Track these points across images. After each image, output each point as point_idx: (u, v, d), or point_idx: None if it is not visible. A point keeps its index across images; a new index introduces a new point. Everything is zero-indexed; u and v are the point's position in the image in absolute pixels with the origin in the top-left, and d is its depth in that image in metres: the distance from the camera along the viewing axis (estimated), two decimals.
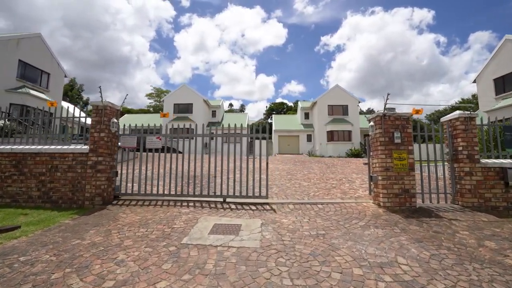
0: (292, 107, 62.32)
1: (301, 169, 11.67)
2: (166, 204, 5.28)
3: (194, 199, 5.68)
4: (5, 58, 13.79)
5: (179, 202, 5.48)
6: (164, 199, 5.70)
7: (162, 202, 5.44)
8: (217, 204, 5.40)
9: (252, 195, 5.63)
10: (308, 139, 29.74)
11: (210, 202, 5.58)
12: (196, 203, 5.40)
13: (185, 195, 5.76)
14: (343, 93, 27.54)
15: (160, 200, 5.59)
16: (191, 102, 28.54)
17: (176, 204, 5.29)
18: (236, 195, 5.71)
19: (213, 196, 5.74)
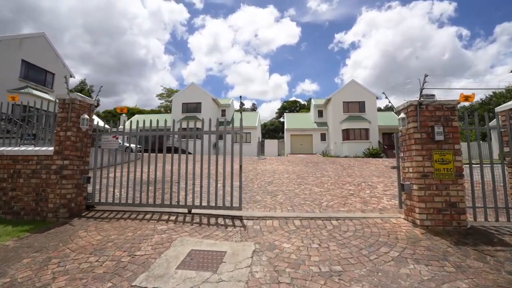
0: (305, 105, 60.63)
1: (313, 171, 10.47)
2: (141, 218, 4.32)
3: (154, 210, 4.70)
4: (8, 58, 13.53)
5: (158, 214, 4.50)
6: (143, 210, 4.74)
7: (137, 215, 4.47)
8: (186, 217, 4.39)
9: (222, 205, 4.57)
10: (322, 138, 28.26)
11: (171, 213, 4.60)
12: (179, 216, 4.40)
13: (161, 205, 4.78)
14: (359, 89, 25.86)
15: (137, 212, 4.63)
16: (200, 101, 27.85)
17: (153, 218, 4.31)
18: (203, 205, 4.65)
19: (176, 206, 4.72)
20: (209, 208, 4.58)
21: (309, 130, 28.82)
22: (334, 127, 25.67)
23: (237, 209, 4.51)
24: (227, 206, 4.54)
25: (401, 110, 4.17)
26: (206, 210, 4.65)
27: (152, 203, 4.77)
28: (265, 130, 51.99)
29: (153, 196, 4.86)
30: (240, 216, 4.35)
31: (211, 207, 4.58)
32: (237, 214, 4.45)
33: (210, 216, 4.41)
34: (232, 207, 4.52)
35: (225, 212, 4.53)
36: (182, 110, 27.93)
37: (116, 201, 4.93)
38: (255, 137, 29.33)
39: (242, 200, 5.52)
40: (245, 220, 4.20)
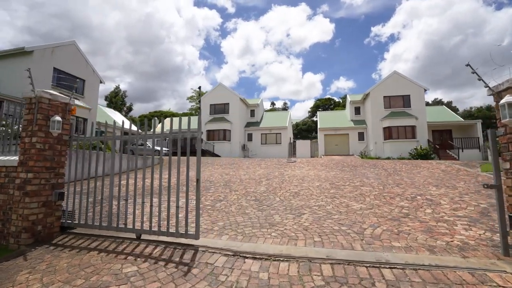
0: (340, 103, 57.14)
1: (351, 177, 8.73)
2: (113, 248, 3.26)
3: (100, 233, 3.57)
4: (41, 66, 14.04)
5: (134, 245, 3.39)
6: (119, 236, 3.68)
7: (109, 244, 3.39)
8: (132, 244, 3.21)
9: (176, 231, 3.36)
10: (359, 137, 25.65)
11: (117, 238, 3.59)
12: (127, 244, 3.25)
13: (107, 227, 3.73)
14: (403, 81, 22.82)
15: (112, 239, 3.57)
16: (227, 101, 27.19)
17: (126, 250, 3.21)
18: (154, 230, 3.52)
19: (123, 229, 3.65)
20: (160, 234, 3.44)
21: (345, 129, 26.39)
22: (374, 125, 23.00)
23: (192, 237, 3.32)
24: (181, 233, 3.35)
25: (501, 91, 2.51)
26: (158, 237, 3.54)
27: (98, 225, 3.76)
28: (297, 130, 49.97)
29: (100, 216, 3.84)
30: (195, 248, 3.14)
31: (162, 233, 3.43)
32: (193, 243, 3.32)
33: (167, 246, 3.27)
34: (187, 235, 3.33)
35: (178, 240, 3.40)
36: (210, 111, 27.55)
37: (92, 222, 3.98)
38: (286, 138, 27.80)
39: (254, 223, 4.23)
40: (246, 258, 2.88)
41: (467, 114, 46.66)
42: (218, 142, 25.94)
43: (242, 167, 12.28)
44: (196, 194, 3.38)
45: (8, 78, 13.70)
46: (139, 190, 5.75)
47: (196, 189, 3.38)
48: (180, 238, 3.37)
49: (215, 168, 11.98)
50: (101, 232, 3.85)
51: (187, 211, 3.39)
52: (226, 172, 10.73)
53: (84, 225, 3.88)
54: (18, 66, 13.74)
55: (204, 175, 9.90)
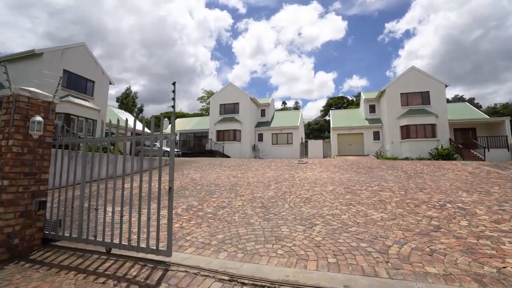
0: (353, 101, 55.57)
1: (367, 180, 8.02)
2: (95, 268, 2.81)
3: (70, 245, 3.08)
4: (51, 69, 14.11)
5: (120, 262, 2.93)
6: (94, 250, 3.23)
7: (83, 260, 2.95)
8: (99, 259, 2.72)
9: (146, 246, 2.96)
10: (375, 137, 24.55)
11: (85, 251, 3.25)
12: (96, 260, 2.77)
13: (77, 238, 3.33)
14: (421, 77, 21.56)
15: (89, 254, 3.13)
16: (237, 101, 26.75)
17: (109, 270, 2.75)
18: (124, 244, 3.10)
19: (92, 241, 3.26)
20: (130, 249, 3.04)
21: (359, 128, 25.35)
22: (390, 123, 21.90)
23: (164, 254, 2.89)
24: (151, 249, 2.95)
25: None
26: (128, 252, 3.11)
27: (76, 237, 3.40)
28: (309, 130, 48.99)
29: (80, 228, 3.42)
30: (166, 267, 2.62)
31: (132, 247, 3.03)
32: (166, 261, 2.90)
33: (136, 262, 2.83)
34: (158, 251, 2.91)
35: (149, 257, 3.01)
36: (220, 111, 27.22)
37: (69, 234, 3.56)
38: (298, 138, 27.06)
39: (259, 236, 3.69)
40: (244, 285, 2.35)
41: (491, 111, 44.08)
42: (228, 142, 25.57)
43: (251, 169, 11.77)
44: (169, 205, 2.94)
45: (19, 80, 13.80)
46: (118, 198, 5.35)
47: (169, 198, 2.93)
48: (151, 254, 2.93)
49: (223, 170, 11.53)
50: (86, 246, 3.43)
51: (158, 224, 2.98)
52: (234, 174, 10.25)
53: (68, 238, 3.48)
54: (29, 68, 13.87)
55: (210, 177, 9.46)
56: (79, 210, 3.49)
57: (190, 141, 27.29)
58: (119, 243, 3.08)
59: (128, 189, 7.46)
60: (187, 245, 3.49)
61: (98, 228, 3.44)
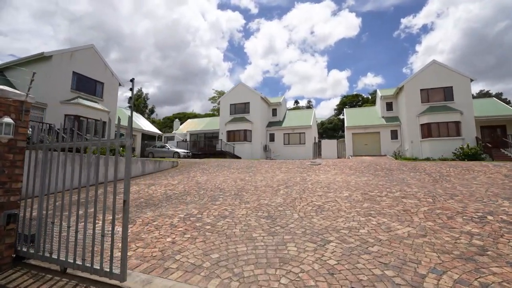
0: (369, 99, 53.72)
1: (387, 185, 7.22)
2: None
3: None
4: (61, 71, 14.15)
5: (65, 280, 2.43)
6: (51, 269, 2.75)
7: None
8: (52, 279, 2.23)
9: (100, 267, 2.57)
10: (392, 136, 23.28)
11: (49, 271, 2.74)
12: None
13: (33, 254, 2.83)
14: (444, 71, 20.14)
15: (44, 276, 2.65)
16: (248, 101, 26.22)
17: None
18: (78, 263, 2.70)
19: (48, 258, 2.91)
20: (84, 269, 2.67)
21: (376, 127, 24.14)
22: (409, 121, 20.62)
23: (118, 278, 2.45)
24: (105, 271, 2.54)
25: None
26: (83, 273, 2.71)
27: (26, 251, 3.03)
28: (323, 129, 47.77)
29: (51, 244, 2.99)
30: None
31: (86, 268, 2.65)
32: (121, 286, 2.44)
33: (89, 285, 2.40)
34: (112, 274, 2.48)
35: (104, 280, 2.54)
36: (230, 111, 26.79)
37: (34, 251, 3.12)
38: (310, 138, 26.22)
39: (260, 257, 3.09)
40: None
41: None
42: (239, 143, 25.09)
43: (261, 171, 11.17)
44: (123, 220, 2.43)
45: (27, 83, 13.93)
46: None
47: (123, 212, 2.43)
48: (105, 277, 2.45)
49: (230, 173, 11.00)
50: (50, 265, 2.97)
51: (112, 241, 2.49)
52: (242, 177, 9.69)
53: (33, 255, 3.04)
54: (39, 71, 13.91)
55: (216, 181, 8.95)
56: (36, 224, 3.07)
57: (200, 142, 27.05)
58: (73, 262, 2.69)
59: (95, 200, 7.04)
60: (174, 268, 2.95)
61: (60, 244, 2.99)
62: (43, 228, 3.14)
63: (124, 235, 2.45)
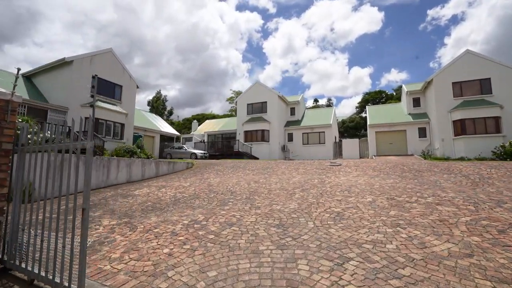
0: (393, 96, 51.08)
1: (417, 188, 6.39)
2: None
3: None
4: (81, 75, 14.58)
5: None
6: None
7: None
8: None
9: (60, 281, 2.29)
10: (420, 134, 21.65)
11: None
12: None
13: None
14: (480, 61, 18.31)
15: None
16: (265, 100, 25.71)
17: None
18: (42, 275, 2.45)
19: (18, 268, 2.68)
20: (47, 282, 2.43)
21: (401, 125, 22.61)
22: (440, 118, 19.01)
23: None
24: (64, 286, 2.27)
25: None
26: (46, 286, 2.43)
27: None
28: (344, 128, 46.07)
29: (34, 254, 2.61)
30: None
31: (49, 281, 2.40)
32: None
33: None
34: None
35: None
36: (247, 111, 26.45)
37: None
38: (331, 137, 25.20)
39: (264, 277, 2.59)
40: None
41: None
42: (256, 143, 24.67)
43: (277, 173, 10.64)
44: (82, 230, 2.04)
45: (53, 88, 14.54)
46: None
47: (82, 222, 2.04)
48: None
49: (245, 174, 10.58)
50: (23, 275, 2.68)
51: (71, 254, 2.10)
52: (256, 179, 9.23)
53: (6, 263, 2.78)
54: (61, 76, 14.47)
55: (229, 183, 8.55)
56: (10, 230, 2.81)
57: (218, 143, 26.98)
58: (37, 273, 2.48)
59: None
60: None
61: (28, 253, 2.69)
62: (19, 236, 2.88)
63: (83, 247, 2.08)
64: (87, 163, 2.28)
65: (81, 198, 2.49)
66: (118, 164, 9.25)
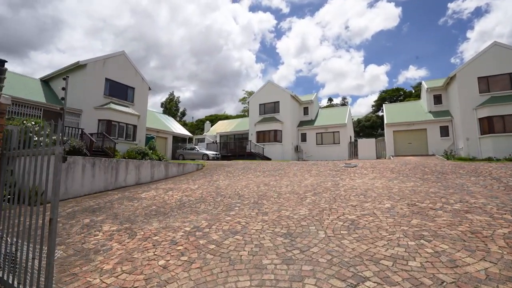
0: (412, 93, 49.02)
1: (441, 192, 5.80)
2: None
3: None
4: (94, 78, 14.83)
5: None
6: None
7: None
8: None
9: None
10: (442, 132, 20.43)
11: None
12: None
13: None
14: (508, 54, 16.94)
15: None
16: (277, 100, 25.26)
17: None
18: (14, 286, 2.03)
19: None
20: None
21: (421, 123, 21.45)
22: (464, 115, 17.82)
23: None
24: None
25: None
26: None
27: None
28: (359, 128, 44.73)
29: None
30: None
31: None
32: None
33: None
34: None
35: None
36: (260, 111, 26.10)
37: None
38: (345, 137, 24.38)
39: None
40: None
41: None
42: (269, 143, 24.28)
43: (288, 174, 10.24)
44: (49, 242, 1.77)
45: (68, 91, 14.85)
46: None
47: (49, 233, 1.76)
48: None
49: (255, 176, 10.25)
50: None
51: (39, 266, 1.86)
52: (266, 181, 8.88)
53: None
54: (75, 79, 14.78)
55: (238, 186, 8.26)
56: None
57: (230, 143, 26.81)
58: (11, 284, 2.25)
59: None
60: None
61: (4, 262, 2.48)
62: None
63: (49, 260, 1.82)
64: (55, 169, 2.03)
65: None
66: (127, 166, 9.20)
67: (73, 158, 7.59)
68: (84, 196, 7.77)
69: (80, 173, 7.78)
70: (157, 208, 6.00)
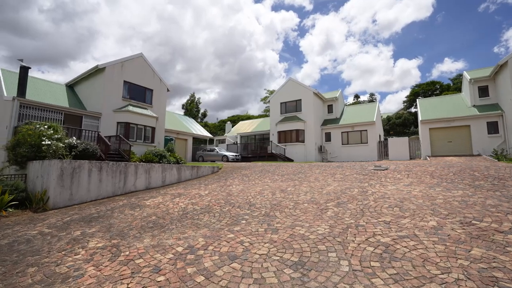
0: (449, 86, 44.77)
1: (504, 206, 4.48)
2: None
3: None
4: (113, 81, 14.93)
5: None
6: None
7: None
8: None
9: None
10: (490, 129, 17.90)
11: None
12: None
13: None
14: None
15: None
16: (299, 98, 24.05)
17: None
18: None
19: None
20: None
21: (463, 119, 19.02)
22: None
23: None
24: None
25: None
26: None
27: None
28: (389, 126, 41.73)
29: None
30: None
31: None
32: None
33: None
34: None
35: None
36: (281, 110, 25.08)
37: None
38: (374, 136, 22.54)
39: None
40: None
41: None
42: (290, 144, 23.20)
43: (309, 179, 9.23)
44: None
45: (89, 95, 15.17)
46: None
47: None
48: None
49: (272, 180, 9.37)
50: None
51: None
52: (283, 187, 7.97)
53: None
54: (95, 83, 15.00)
55: (252, 192, 7.45)
56: None
57: (250, 144, 26.09)
58: None
59: None
60: None
61: None
62: None
63: None
64: None
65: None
66: (136, 170, 8.82)
67: (78, 162, 7.31)
68: (89, 202, 7.45)
69: (86, 178, 7.48)
70: (156, 219, 5.38)
